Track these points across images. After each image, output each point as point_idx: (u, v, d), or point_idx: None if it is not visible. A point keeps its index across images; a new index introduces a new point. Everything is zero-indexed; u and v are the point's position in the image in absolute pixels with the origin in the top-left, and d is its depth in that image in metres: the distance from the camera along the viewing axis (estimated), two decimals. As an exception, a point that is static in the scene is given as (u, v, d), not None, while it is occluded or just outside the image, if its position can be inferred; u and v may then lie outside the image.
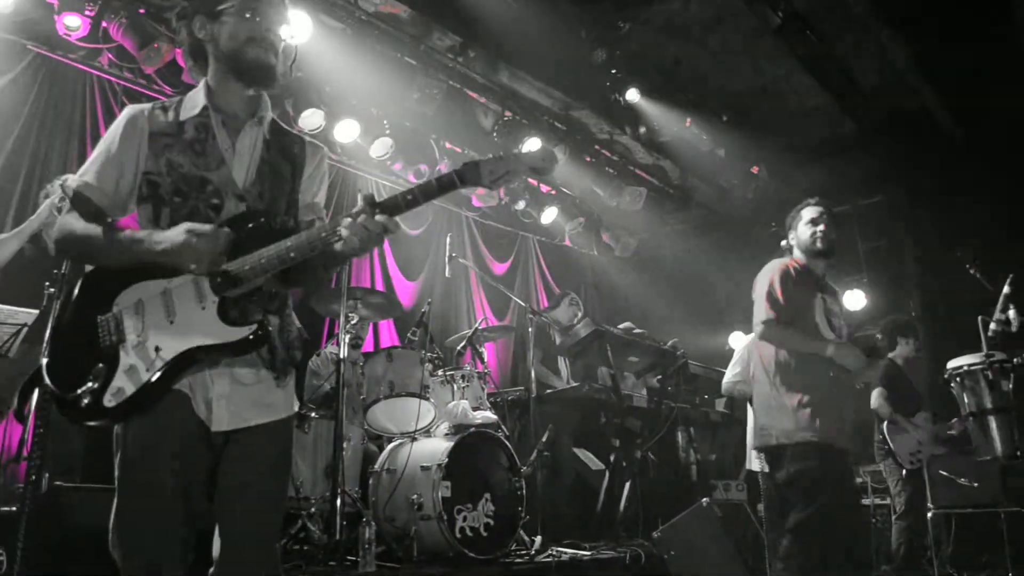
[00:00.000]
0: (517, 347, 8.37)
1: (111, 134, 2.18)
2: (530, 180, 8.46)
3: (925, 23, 6.63)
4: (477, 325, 6.22)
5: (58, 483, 4.02)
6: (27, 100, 5.56)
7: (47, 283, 4.01)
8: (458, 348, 6.09)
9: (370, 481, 4.98)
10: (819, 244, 4.10)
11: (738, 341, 6.38)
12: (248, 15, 2.15)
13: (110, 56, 5.83)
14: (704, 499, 5.33)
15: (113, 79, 5.99)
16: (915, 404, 6.01)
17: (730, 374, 5.52)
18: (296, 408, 2.33)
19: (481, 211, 8.66)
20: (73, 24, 5.34)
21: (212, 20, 2.18)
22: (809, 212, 4.22)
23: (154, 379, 1.99)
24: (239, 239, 2.08)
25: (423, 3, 6.02)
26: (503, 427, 5.52)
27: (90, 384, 1.97)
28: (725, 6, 6.72)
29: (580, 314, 7.05)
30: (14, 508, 3.95)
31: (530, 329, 6.08)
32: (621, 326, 6.85)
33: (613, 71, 7.31)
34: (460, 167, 2.11)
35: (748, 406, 5.52)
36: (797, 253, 4.18)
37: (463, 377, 5.37)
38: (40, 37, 5.55)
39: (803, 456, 3.77)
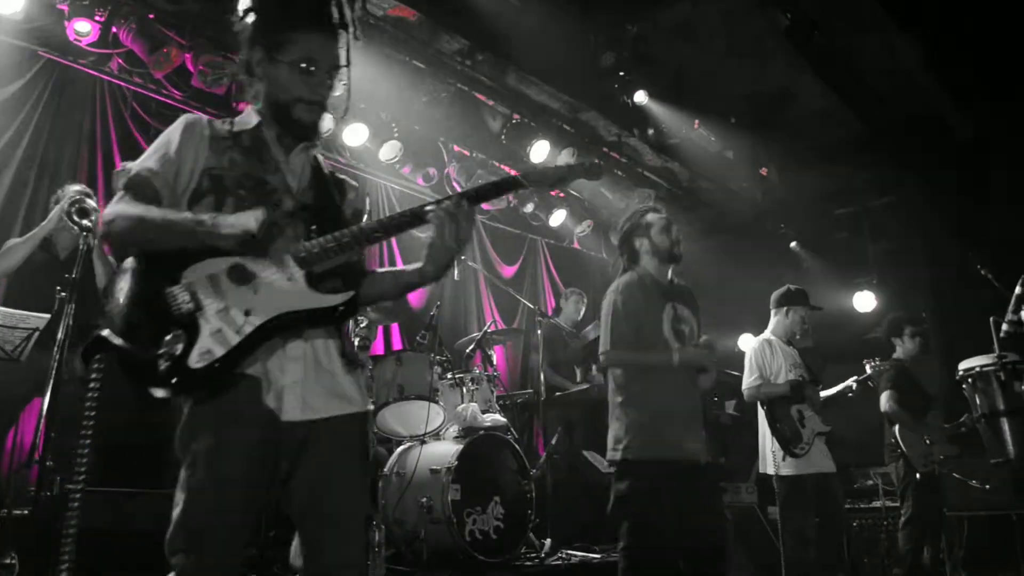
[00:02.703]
0: (526, 350, 8.36)
1: (169, 133, 2.15)
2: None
3: (935, 23, 6.61)
4: (486, 328, 6.23)
5: (69, 486, 4.02)
6: (38, 106, 5.60)
7: (58, 288, 4.03)
8: (467, 351, 6.09)
9: (379, 484, 4.98)
10: (677, 250, 4.07)
11: (748, 344, 6.35)
12: (304, 66, 2.11)
13: (120, 61, 5.87)
14: (714, 502, 5.31)
15: (123, 84, 6.02)
16: (925, 404, 5.97)
17: (749, 379, 5.48)
18: (370, 406, 2.26)
19: (490, 214, 8.67)
20: (83, 30, 5.38)
21: (269, 61, 2.14)
22: (660, 219, 4.14)
23: (245, 341, 1.93)
24: (313, 225, 2.09)
25: (432, 7, 6.02)
26: (512, 430, 5.52)
27: (168, 347, 1.89)
28: (733, 8, 6.71)
29: (584, 308, 7.03)
30: (26, 511, 3.98)
31: (539, 331, 6.08)
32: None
33: (621, 74, 7.31)
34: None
35: (759, 409, 5.50)
36: (647, 261, 4.12)
37: (472, 380, 5.38)
38: (51, 43, 5.58)
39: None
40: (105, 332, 1.94)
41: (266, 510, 2.15)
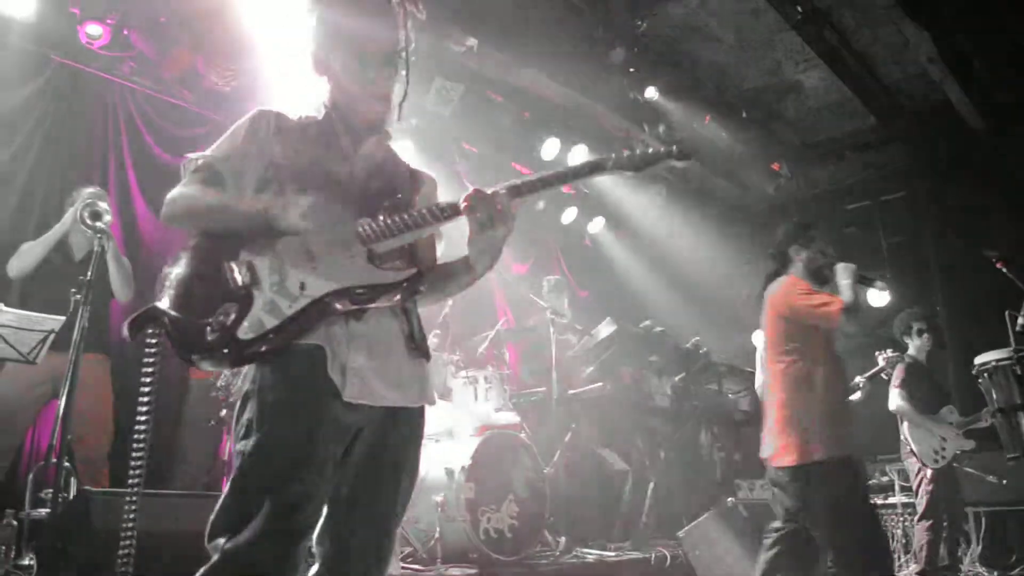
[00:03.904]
0: (539, 347, 8.36)
1: (238, 126, 2.14)
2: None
3: (948, 15, 6.56)
4: (499, 326, 6.22)
5: (87, 488, 4.05)
6: (50, 109, 5.63)
7: (73, 290, 4.05)
8: (480, 349, 6.09)
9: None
10: (825, 273, 4.11)
11: (760, 339, 6.34)
12: (368, 65, 2.09)
13: (131, 63, 5.89)
14: (729, 498, 5.31)
15: (134, 86, 6.05)
16: (937, 400, 5.94)
17: (762, 377, 5.47)
18: (434, 402, 2.19)
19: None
20: (95, 33, 5.41)
21: (332, 59, 2.13)
22: (818, 240, 4.21)
23: (297, 314, 1.87)
24: (381, 213, 2.02)
25: (441, 6, 6.02)
26: (526, 428, 5.52)
27: (220, 318, 1.85)
28: (744, 2, 6.68)
29: (566, 300, 7.02)
30: (44, 512, 4.00)
31: (551, 329, 6.07)
32: (642, 325, 6.84)
33: (631, 69, 7.29)
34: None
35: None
36: (797, 270, 4.12)
37: (485, 379, 5.38)
38: (63, 47, 5.61)
39: None
40: (159, 303, 1.91)
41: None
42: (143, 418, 2.08)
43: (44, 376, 4.45)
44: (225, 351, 1.84)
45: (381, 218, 2.00)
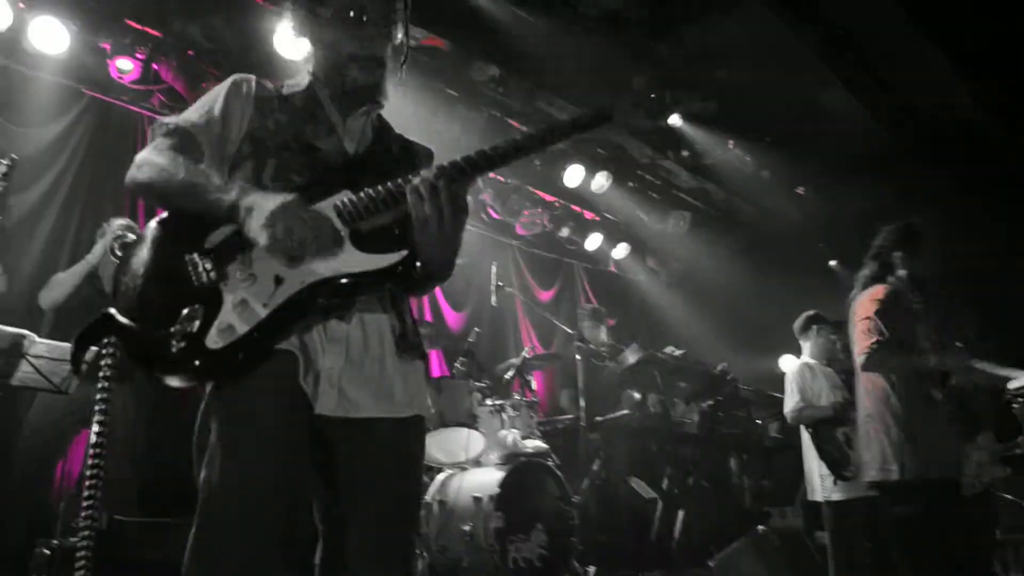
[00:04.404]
0: (565, 375, 8.33)
1: (214, 93, 1.90)
2: (573, 206, 8.48)
3: (968, 36, 6.52)
4: (524, 354, 6.21)
5: (117, 517, 4.07)
6: (82, 141, 5.74)
7: (103, 321, 4.08)
8: (506, 377, 6.08)
9: (421, 512, 4.97)
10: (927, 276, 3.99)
11: (788, 364, 6.28)
12: (353, 14, 1.82)
13: (160, 97, 5.98)
14: (760, 526, 5.23)
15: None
16: (974, 424, 5.82)
17: (791, 402, 5.41)
18: (428, 412, 1.89)
19: (526, 239, 8.67)
20: (125, 67, 5.50)
21: (312, 17, 1.88)
22: (923, 244, 4.08)
23: (274, 315, 1.60)
24: (357, 180, 1.76)
25: (463, 35, 6.08)
26: (553, 456, 5.48)
27: (184, 324, 1.57)
28: (764, 28, 6.68)
29: (604, 329, 6.99)
30: (75, 541, 4.02)
31: (577, 356, 6.05)
32: (665, 350, 6.80)
33: (653, 96, 7.30)
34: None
35: (803, 431, 5.42)
36: (901, 276, 4.01)
37: (512, 406, 5.35)
38: (94, 81, 5.71)
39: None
40: (111, 310, 1.63)
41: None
42: (96, 440, 1.98)
43: (75, 406, 4.48)
44: (194, 364, 1.57)
45: (363, 192, 1.73)
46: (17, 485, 4.52)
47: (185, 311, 1.60)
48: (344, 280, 1.67)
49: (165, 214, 1.79)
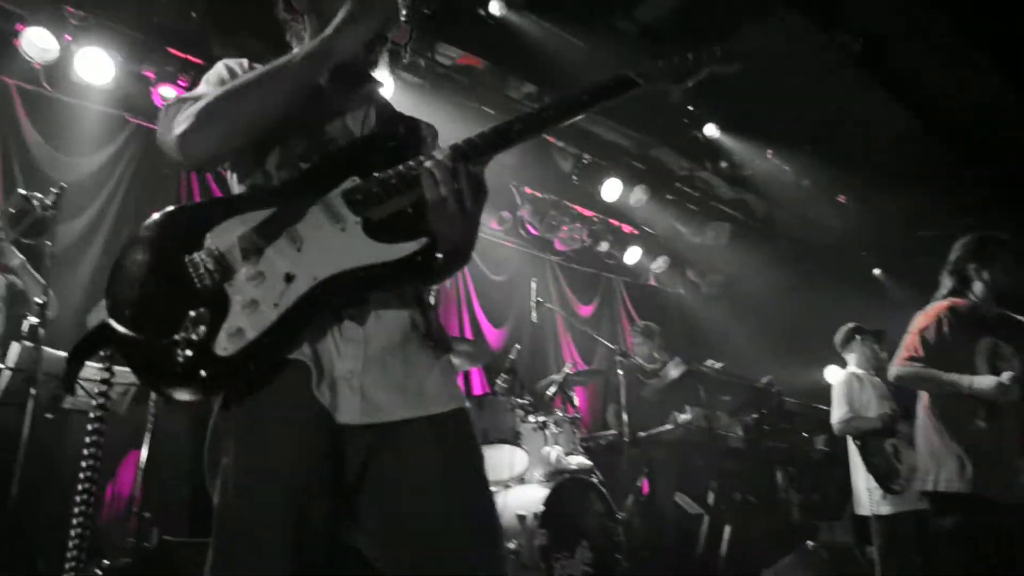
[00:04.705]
0: (607, 390, 8.29)
1: (216, 68, 1.76)
2: (611, 220, 8.45)
3: (1012, 37, 6.41)
4: (566, 370, 6.19)
5: (167, 537, 4.12)
6: (127, 169, 5.87)
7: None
8: (548, 393, 6.06)
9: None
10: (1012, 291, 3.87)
11: (834, 375, 6.20)
12: None
13: (202, 123, 6.08)
14: (809, 541, 5.15)
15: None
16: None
17: (839, 412, 5.33)
18: (464, 403, 1.67)
19: (565, 255, 8.66)
20: (168, 95, 5.61)
21: None
22: (1007, 256, 3.90)
23: (286, 316, 1.46)
24: (365, 164, 1.63)
25: (498, 54, 6.11)
26: (597, 472, 5.45)
27: (189, 331, 1.43)
28: (802, 37, 6.63)
29: (655, 346, 6.94)
30: (127, 562, 4.08)
31: (619, 371, 6.01)
32: (706, 363, 6.74)
33: (690, 107, 7.27)
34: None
35: (850, 443, 5.33)
36: (978, 289, 3.90)
37: (555, 423, 5.33)
38: (138, 109, 5.84)
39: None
40: (107, 320, 1.48)
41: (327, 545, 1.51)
42: (88, 463, 1.83)
43: (125, 428, 4.56)
44: (203, 374, 1.42)
45: (372, 177, 1.58)
46: (68, 507, 4.60)
47: (190, 315, 1.45)
48: (361, 273, 1.52)
49: (162, 213, 1.60)
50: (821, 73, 7.18)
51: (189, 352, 1.42)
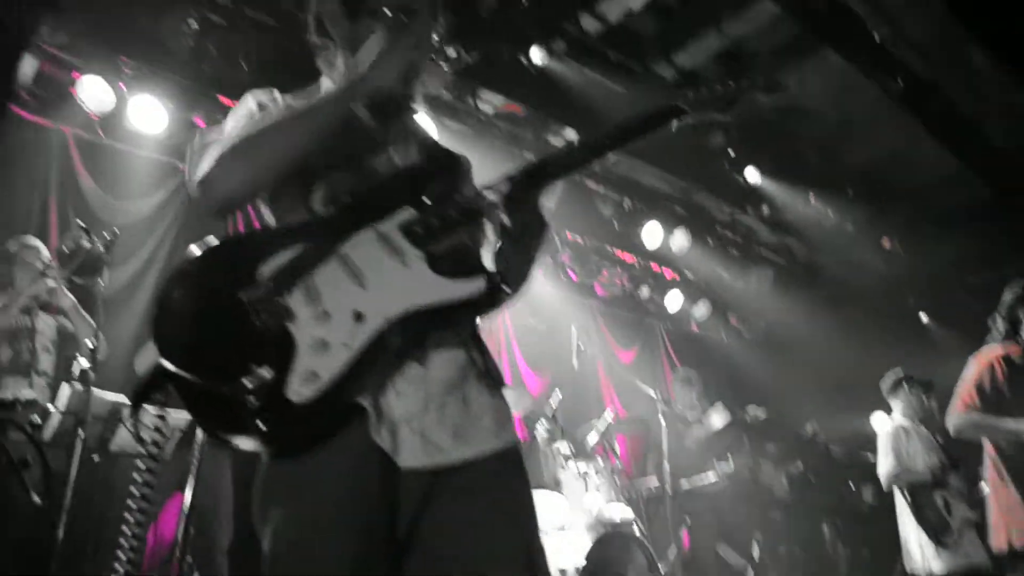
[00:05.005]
0: (648, 438, 8.19)
1: (245, 102, 1.71)
2: (652, 265, 8.42)
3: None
4: (607, 417, 6.13)
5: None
6: (177, 215, 5.99)
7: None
8: (589, 441, 6.00)
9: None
10: None
11: (880, 423, 6.07)
12: (402, 21, 1.66)
13: (250, 170, 6.21)
14: (859, 597, 4.99)
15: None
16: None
17: (886, 465, 5.20)
18: (519, 440, 1.62)
19: (606, 300, 8.63)
20: (217, 143, 5.74)
21: (350, 16, 1.69)
22: None
23: (359, 357, 1.37)
24: (415, 195, 1.57)
25: (540, 101, 6.18)
26: (639, 523, 5.37)
27: (255, 375, 1.32)
28: (843, 79, 6.61)
29: (695, 394, 6.84)
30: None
31: (661, 419, 5.94)
32: (747, 409, 6.64)
33: (731, 152, 7.26)
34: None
35: (898, 495, 5.20)
36: None
37: (596, 471, 5.28)
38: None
39: None
40: (164, 363, 1.36)
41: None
42: (138, 506, 1.68)
43: (170, 471, 4.59)
44: (276, 422, 1.33)
45: (431, 209, 1.53)
46: (113, 549, 4.62)
47: (253, 358, 1.34)
48: (430, 311, 1.45)
49: (200, 249, 1.49)
50: (863, 115, 7.15)
51: (259, 399, 1.32)
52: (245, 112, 1.68)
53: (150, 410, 4.25)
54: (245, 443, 1.36)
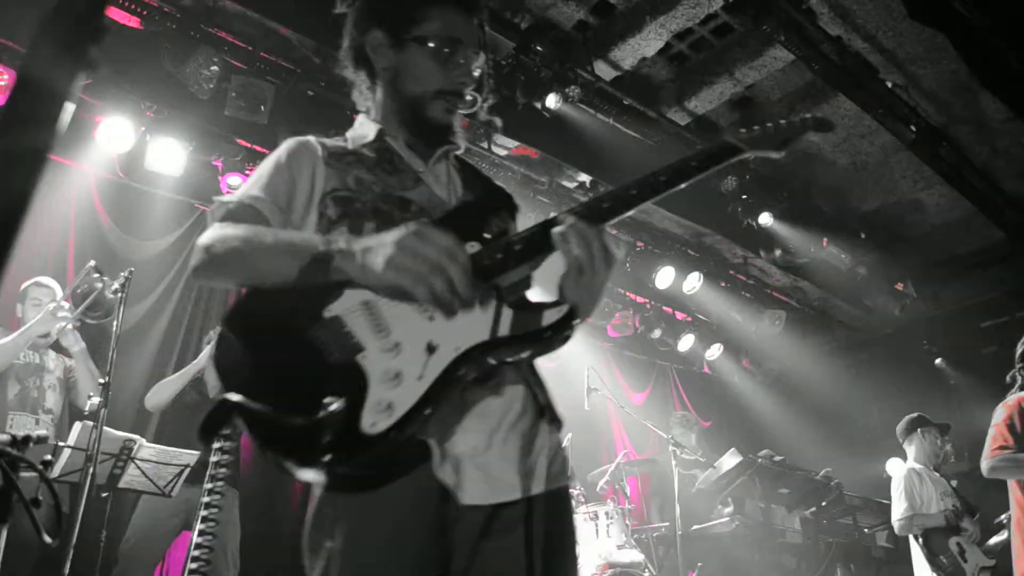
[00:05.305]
0: (660, 480, 8.13)
1: (276, 154, 1.68)
2: (664, 308, 8.42)
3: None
4: (619, 459, 6.10)
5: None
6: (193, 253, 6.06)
7: (208, 426, 4.21)
8: (600, 483, 5.97)
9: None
10: None
11: (895, 469, 6.00)
12: (446, 52, 1.66)
13: (266, 209, 6.29)
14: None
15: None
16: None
17: (899, 510, 5.15)
18: (572, 483, 1.63)
19: (618, 341, 8.63)
20: (235, 183, 5.82)
21: (396, 45, 1.69)
22: None
23: (432, 389, 1.33)
24: (467, 230, 1.52)
25: (552, 145, 6.24)
26: (650, 567, 5.31)
27: (328, 408, 1.27)
28: (856, 126, 6.67)
29: (695, 436, 6.81)
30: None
31: (673, 461, 5.91)
32: (760, 454, 6.59)
33: (744, 196, 7.30)
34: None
35: (912, 541, 5.13)
36: None
37: (607, 514, 5.24)
38: (205, 196, 6.06)
39: None
40: (234, 396, 1.31)
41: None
42: (199, 542, 1.63)
43: (177, 508, 4.59)
44: (350, 454, 1.28)
45: (501, 243, 1.50)
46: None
47: (325, 391, 1.30)
48: (502, 343, 1.39)
49: (260, 289, 1.49)
50: (876, 161, 7.18)
51: (334, 430, 1.27)
52: (273, 164, 1.66)
53: (150, 446, 4.27)
54: (313, 475, 1.32)
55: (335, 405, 1.28)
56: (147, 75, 5.16)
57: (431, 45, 1.65)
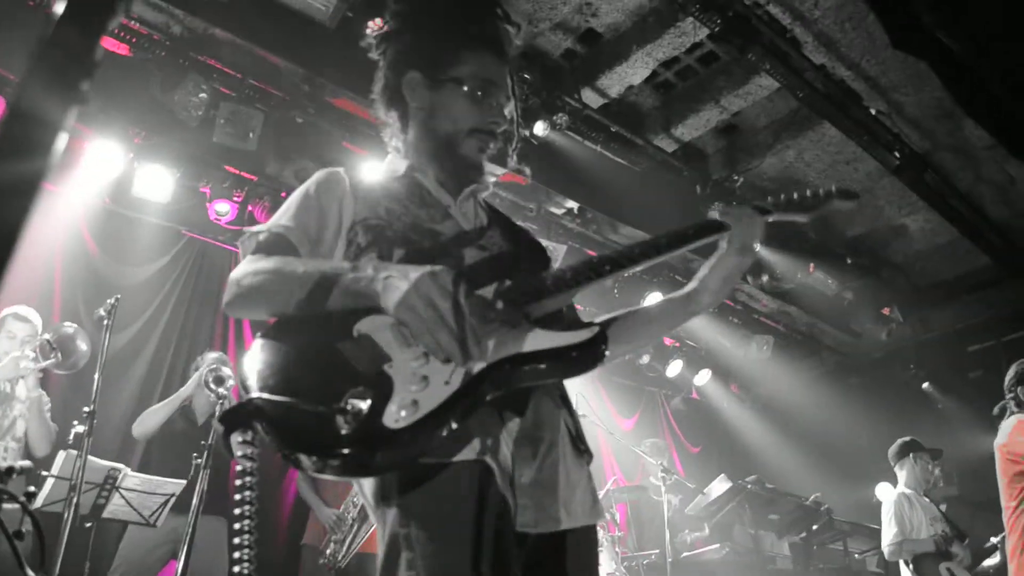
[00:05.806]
0: (649, 507, 8.10)
1: (305, 186, 1.72)
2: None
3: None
4: (608, 486, 6.08)
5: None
6: (180, 279, 6.05)
7: (194, 455, 4.19)
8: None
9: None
10: None
11: (886, 493, 6.00)
12: (480, 94, 1.72)
13: (255, 237, 6.29)
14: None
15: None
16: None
17: (889, 535, 5.14)
18: (601, 518, 1.67)
19: (606, 367, 8.60)
20: (223, 210, 5.82)
21: (432, 86, 1.74)
22: None
23: (458, 394, 1.33)
24: (508, 276, 1.58)
25: (542, 171, 6.27)
26: (640, 594, 5.29)
27: (352, 404, 1.29)
28: (841, 152, 6.73)
29: (664, 462, 6.80)
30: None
31: (662, 487, 5.89)
32: (748, 479, 6.58)
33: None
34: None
35: (902, 567, 5.12)
36: None
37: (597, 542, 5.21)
38: (192, 223, 6.06)
39: None
40: (259, 395, 1.33)
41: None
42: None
43: (164, 537, 4.55)
44: (370, 446, 1.27)
45: (535, 278, 1.57)
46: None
47: (351, 391, 1.32)
48: (530, 359, 1.40)
49: (291, 312, 1.52)
50: (861, 187, 7.23)
51: (354, 423, 1.28)
52: (303, 195, 1.70)
53: (137, 476, 4.23)
54: (329, 470, 1.29)
55: (357, 402, 1.30)
56: (136, 102, 5.16)
57: (466, 87, 1.72)
